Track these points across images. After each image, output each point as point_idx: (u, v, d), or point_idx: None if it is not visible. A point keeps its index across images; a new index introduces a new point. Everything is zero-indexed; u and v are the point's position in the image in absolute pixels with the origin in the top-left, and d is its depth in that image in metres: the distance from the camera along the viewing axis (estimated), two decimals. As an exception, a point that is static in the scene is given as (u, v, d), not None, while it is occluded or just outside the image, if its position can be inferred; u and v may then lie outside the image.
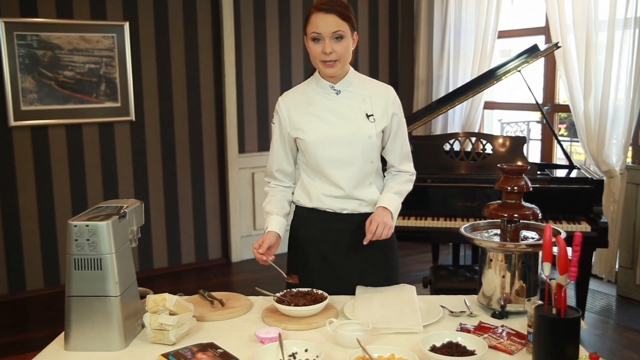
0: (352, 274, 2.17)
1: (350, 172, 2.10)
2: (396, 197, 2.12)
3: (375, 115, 2.09)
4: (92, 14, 4.61)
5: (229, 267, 5.26)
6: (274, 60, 5.38)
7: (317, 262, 2.19)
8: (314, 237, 2.19)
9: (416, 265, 5.11)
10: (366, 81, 2.17)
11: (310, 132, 2.09)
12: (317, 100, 2.11)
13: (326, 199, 2.14)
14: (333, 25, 1.98)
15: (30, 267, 4.61)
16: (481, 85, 3.96)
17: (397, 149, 2.16)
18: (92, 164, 4.75)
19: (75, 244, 1.70)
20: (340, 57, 2.01)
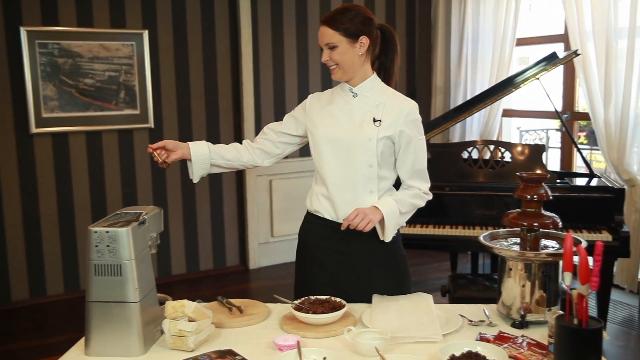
0: (357, 285, 2.16)
1: (348, 172, 2.12)
2: (393, 202, 2.09)
3: (383, 122, 2.10)
4: (112, 22, 4.67)
5: (247, 274, 5.27)
6: (292, 68, 5.40)
7: (317, 269, 2.22)
8: (314, 243, 2.23)
9: (434, 274, 5.08)
10: (387, 91, 2.19)
11: (321, 128, 2.17)
12: (336, 101, 2.20)
13: (325, 203, 2.18)
14: (324, 36, 2.10)
15: (51, 272, 4.65)
16: (499, 93, 3.94)
17: (407, 164, 2.15)
18: (112, 171, 4.80)
19: (96, 250, 1.71)
20: (337, 63, 2.10)
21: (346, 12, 2.10)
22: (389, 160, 2.16)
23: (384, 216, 2.05)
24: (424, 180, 2.19)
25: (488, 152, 3.78)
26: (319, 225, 2.22)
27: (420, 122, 2.16)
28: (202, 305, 1.96)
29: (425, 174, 2.20)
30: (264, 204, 5.41)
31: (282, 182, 5.39)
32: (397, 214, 2.09)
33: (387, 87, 2.21)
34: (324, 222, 2.20)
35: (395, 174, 2.20)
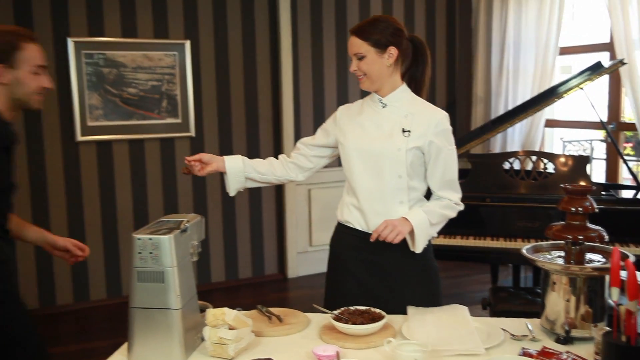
0: (388, 296, 2.15)
1: (378, 183, 2.12)
2: (423, 214, 2.08)
3: (413, 132, 2.10)
4: (155, 32, 4.76)
5: (285, 283, 5.29)
6: (331, 77, 5.42)
7: (348, 279, 2.22)
8: (345, 254, 2.24)
9: (474, 286, 5.00)
10: (417, 101, 2.18)
11: (350, 139, 2.18)
12: (366, 112, 2.21)
13: (356, 213, 2.18)
14: (353, 46, 2.13)
15: (94, 278, 4.75)
16: (542, 103, 3.88)
17: (437, 175, 2.14)
18: (153, 179, 4.88)
19: (139, 257, 1.74)
20: (365, 73, 2.12)
21: (376, 23, 2.11)
22: (419, 170, 2.15)
23: (413, 227, 2.05)
24: (454, 191, 2.18)
25: (530, 163, 3.71)
26: (350, 236, 2.22)
27: (450, 132, 2.15)
28: (242, 313, 1.97)
29: (456, 184, 2.18)
30: (303, 213, 5.43)
31: (321, 191, 5.40)
32: (427, 225, 2.09)
33: (417, 97, 2.20)
34: (354, 232, 2.20)
35: (426, 184, 2.19)
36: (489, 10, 5.57)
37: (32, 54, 1.98)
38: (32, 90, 2.00)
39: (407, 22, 5.69)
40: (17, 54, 1.94)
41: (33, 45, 1.99)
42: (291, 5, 5.15)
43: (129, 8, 4.67)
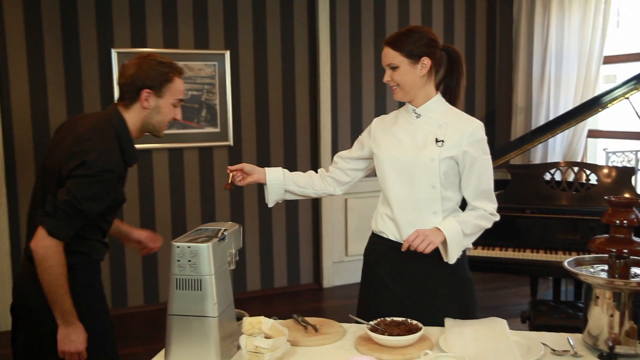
0: (420, 309, 2.13)
1: (411, 193, 2.12)
2: (456, 224, 2.06)
3: (446, 142, 2.09)
4: (195, 43, 4.84)
5: (321, 293, 5.29)
6: (369, 87, 5.42)
7: (381, 290, 2.21)
8: (379, 264, 2.23)
9: (513, 299, 4.92)
10: (452, 111, 2.17)
11: (384, 149, 2.19)
12: (400, 122, 2.22)
13: (389, 223, 2.18)
14: (386, 57, 2.14)
15: (132, 285, 4.83)
16: (585, 113, 3.81)
17: (472, 185, 2.12)
18: (192, 187, 4.95)
19: (177, 265, 1.77)
20: (398, 83, 2.13)
21: (410, 34, 2.11)
22: (453, 181, 2.13)
23: (446, 238, 2.03)
24: (489, 201, 2.15)
25: (572, 174, 3.65)
26: (384, 246, 2.22)
27: (485, 141, 2.14)
28: (278, 322, 1.98)
29: (491, 194, 2.16)
30: (339, 223, 5.42)
31: (357, 201, 5.39)
32: (461, 236, 2.07)
33: (452, 107, 2.19)
34: (388, 243, 2.20)
35: (461, 195, 2.17)
36: (530, 19, 5.50)
37: (178, 87, 2.13)
38: (166, 120, 2.14)
39: (447, 31, 5.66)
40: (167, 85, 2.09)
41: (180, 79, 2.14)
42: (330, 17, 5.17)
43: (171, 19, 4.76)
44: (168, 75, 2.08)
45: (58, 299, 1.96)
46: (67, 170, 1.95)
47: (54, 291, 1.95)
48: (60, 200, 1.92)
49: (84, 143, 1.98)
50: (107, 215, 2.12)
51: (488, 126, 5.86)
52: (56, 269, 1.94)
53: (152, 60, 2.08)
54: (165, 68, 2.08)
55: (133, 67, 2.06)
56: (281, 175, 2.32)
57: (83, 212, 1.94)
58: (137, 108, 2.09)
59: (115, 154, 2.00)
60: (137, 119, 2.10)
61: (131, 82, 2.05)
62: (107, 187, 1.97)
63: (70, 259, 2.01)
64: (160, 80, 2.07)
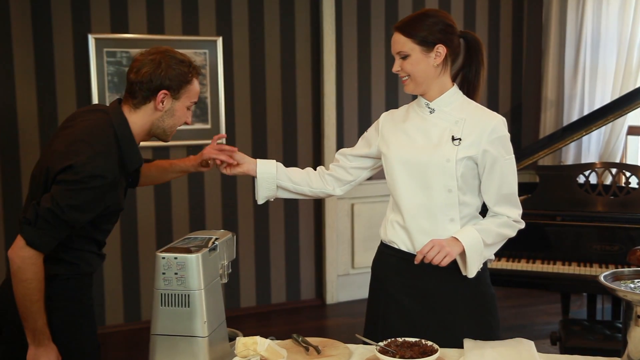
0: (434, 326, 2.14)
1: (425, 198, 2.12)
2: (476, 233, 2.06)
3: (464, 140, 2.09)
4: (183, 29, 4.86)
5: (324, 310, 5.29)
6: (379, 79, 5.43)
7: (391, 307, 2.21)
8: (388, 278, 2.24)
9: (542, 317, 4.91)
10: (469, 105, 2.17)
11: (394, 148, 2.19)
12: (411, 118, 2.22)
13: (400, 231, 2.18)
14: (396, 44, 2.14)
15: (111, 301, 4.84)
16: (624, 108, 3.81)
17: (493, 188, 2.12)
18: (179, 191, 4.96)
19: (163, 278, 1.78)
20: (409, 74, 2.13)
21: (424, 18, 2.11)
22: (472, 183, 2.13)
23: (464, 249, 2.02)
24: (513, 206, 2.15)
25: (609, 176, 3.65)
26: (394, 258, 2.22)
27: (507, 139, 2.14)
28: (276, 343, 1.98)
29: (514, 198, 2.15)
30: (345, 231, 5.42)
31: (365, 206, 5.40)
32: (481, 246, 2.06)
33: (470, 100, 2.19)
34: (399, 254, 2.20)
35: (481, 199, 2.17)
36: (563, 3, 5.50)
37: (196, 89, 2.16)
38: (177, 124, 2.18)
39: (468, 15, 5.67)
40: (186, 87, 2.12)
41: (197, 80, 2.17)
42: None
43: (156, 2, 4.77)
44: (188, 76, 2.11)
45: (30, 316, 1.97)
46: (54, 172, 1.96)
47: (27, 306, 1.97)
48: (43, 207, 1.93)
49: (75, 144, 1.99)
50: (102, 224, 2.13)
51: (514, 122, 5.88)
52: (31, 283, 1.95)
53: (172, 57, 2.10)
54: (185, 67, 2.10)
55: (151, 64, 2.06)
56: (274, 169, 2.33)
57: (67, 222, 1.95)
58: (148, 109, 2.10)
59: (109, 159, 2.00)
60: (146, 121, 2.12)
61: (148, 80, 2.06)
62: (96, 195, 1.97)
63: (55, 268, 2.04)
64: (180, 81, 2.09)
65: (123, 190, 2.18)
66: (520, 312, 4.94)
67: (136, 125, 2.11)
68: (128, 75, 2.11)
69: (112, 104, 2.15)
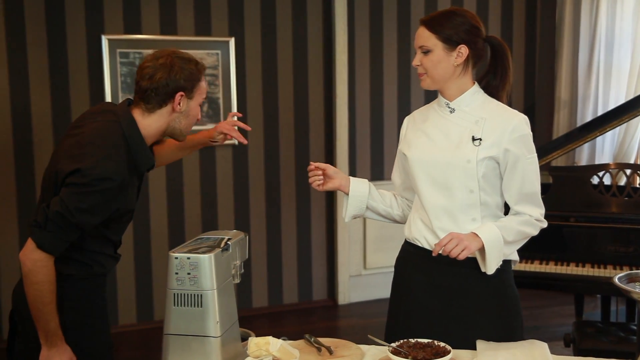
0: (456, 325, 2.13)
1: (447, 198, 2.12)
2: (496, 229, 2.05)
3: (485, 140, 2.08)
4: (196, 29, 4.88)
5: (336, 310, 5.29)
6: (391, 81, 5.42)
7: (413, 306, 2.21)
8: (410, 276, 2.24)
9: (555, 319, 4.89)
10: (490, 104, 2.17)
11: (415, 150, 2.19)
12: (432, 118, 2.21)
13: (423, 229, 2.18)
14: (419, 38, 2.13)
15: (123, 301, 4.86)
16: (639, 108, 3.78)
17: (515, 188, 2.11)
18: (191, 192, 4.97)
19: (176, 278, 1.78)
20: (427, 70, 2.12)
21: (452, 16, 2.11)
22: (494, 183, 2.13)
23: (483, 244, 2.02)
24: (535, 206, 2.14)
25: (624, 177, 3.63)
26: (417, 256, 2.22)
27: (530, 138, 2.12)
28: (288, 343, 1.99)
29: (537, 198, 2.15)
30: (357, 232, 5.42)
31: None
32: (501, 243, 2.05)
33: (491, 99, 2.18)
34: (422, 252, 2.20)
35: (503, 198, 2.17)
36: (576, 2, 5.47)
37: (204, 86, 2.18)
38: (192, 122, 2.19)
39: (481, 16, 5.55)
40: (197, 85, 2.14)
41: (204, 76, 2.19)
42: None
43: (169, 3, 4.80)
44: (198, 74, 2.13)
45: (42, 317, 1.99)
46: (63, 175, 1.98)
47: (39, 308, 1.98)
48: (52, 210, 1.94)
49: (84, 147, 2.00)
50: (113, 224, 2.15)
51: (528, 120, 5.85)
52: (43, 285, 1.97)
53: (181, 58, 2.11)
54: (193, 66, 2.12)
55: (164, 69, 2.07)
56: (367, 189, 2.33)
57: (76, 225, 1.96)
58: (164, 112, 2.11)
59: (118, 161, 2.01)
60: (162, 123, 2.13)
61: (165, 85, 2.07)
62: (104, 198, 1.98)
63: (68, 268, 2.06)
64: (192, 80, 2.11)
65: (135, 190, 2.19)
66: (534, 314, 4.91)
67: (150, 127, 2.12)
68: (139, 83, 2.11)
69: (121, 105, 2.15)
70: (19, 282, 2.14)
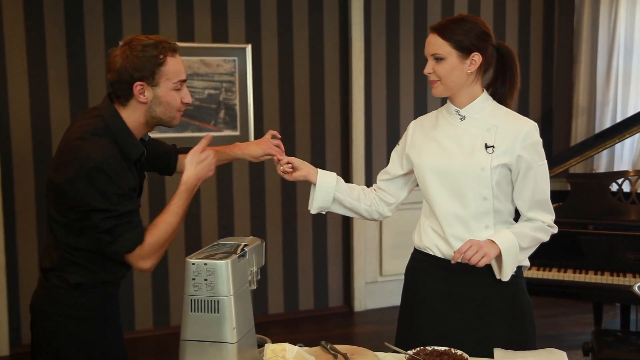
0: (468, 334, 2.13)
1: (460, 206, 2.12)
2: (511, 236, 2.05)
3: (497, 148, 2.08)
4: (213, 36, 4.91)
5: (351, 317, 5.28)
6: (407, 86, 5.42)
7: (424, 313, 2.21)
8: (422, 284, 2.24)
9: (574, 328, 4.85)
10: (501, 111, 2.17)
11: (425, 157, 2.19)
12: (442, 125, 2.21)
13: (435, 238, 2.18)
14: (432, 45, 2.12)
15: (140, 306, 4.89)
16: (659, 114, 3.77)
17: (527, 194, 2.11)
18: (208, 198, 5.00)
19: (193, 284, 1.79)
20: (440, 77, 2.11)
21: (462, 22, 2.11)
22: (506, 190, 2.13)
23: (501, 251, 2.02)
24: (546, 212, 2.15)
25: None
26: (429, 264, 2.22)
27: (540, 145, 2.13)
28: (304, 350, 1.99)
29: (548, 204, 2.15)
30: (373, 238, 5.42)
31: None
32: (517, 249, 2.06)
33: (501, 106, 2.19)
34: (434, 260, 2.21)
35: (513, 204, 2.17)
36: (595, 6, 5.44)
37: (175, 68, 2.04)
38: (173, 109, 2.08)
39: (497, 21, 5.64)
40: (160, 70, 2.00)
41: (174, 57, 2.04)
42: (364, 6, 5.19)
43: (187, 9, 4.83)
44: (158, 58, 1.99)
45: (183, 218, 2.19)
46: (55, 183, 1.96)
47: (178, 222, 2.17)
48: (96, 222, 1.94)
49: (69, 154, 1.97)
50: None
51: (544, 129, 5.82)
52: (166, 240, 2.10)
53: (136, 45, 1.99)
54: (152, 51, 1.99)
55: (120, 60, 1.99)
56: (334, 181, 2.32)
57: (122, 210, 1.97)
58: (134, 104, 2.04)
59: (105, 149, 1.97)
60: (138, 115, 2.06)
61: (120, 78, 1.99)
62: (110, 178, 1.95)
63: (76, 276, 2.05)
64: (151, 66, 1.99)
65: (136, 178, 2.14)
66: (552, 322, 4.88)
67: (130, 120, 2.05)
68: (106, 76, 2.06)
69: (104, 99, 2.09)
70: (35, 293, 2.13)
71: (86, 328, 2.06)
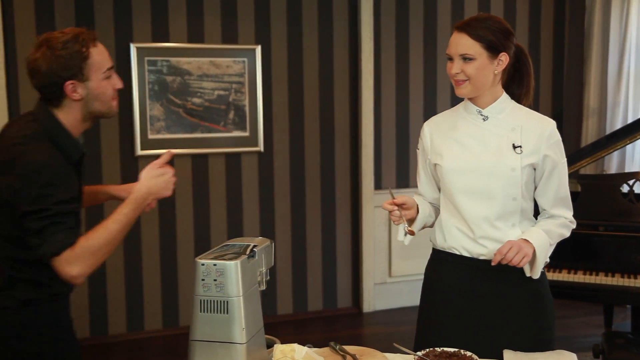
0: (491, 332, 2.13)
1: (488, 207, 2.11)
2: (542, 234, 2.08)
3: (525, 148, 2.09)
4: (223, 37, 4.92)
5: (360, 318, 5.28)
6: (417, 87, 5.42)
7: (448, 313, 2.20)
8: (447, 285, 2.22)
9: (584, 330, 4.83)
10: (521, 111, 2.18)
11: (449, 159, 2.17)
12: (462, 126, 2.19)
13: (461, 238, 2.18)
14: (461, 46, 2.09)
15: (150, 306, 4.90)
16: (670, 115, 3.74)
17: (551, 192, 2.13)
18: (217, 198, 5.01)
19: (202, 284, 1.79)
20: (469, 77, 2.08)
21: (486, 20, 2.11)
22: (531, 189, 2.16)
23: (535, 250, 2.04)
24: (568, 208, 2.19)
25: (654, 186, 3.59)
26: (454, 264, 2.21)
27: (561, 143, 2.16)
28: (313, 350, 1.99)
29: (569, 200, 2.19)
30: (382, 239, 5.41)
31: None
32: (547, 247, 2.10)
33: (520, 106, 2.20)
34: (459, 259, 2.20)
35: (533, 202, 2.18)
36: (606, 6, 5.42)
37: (100, 57, 2.00)
38: (107, 99, 2.03)
39: (508, 21, 5.47)
40: (86, 63, 1.95)
41: (98, 47, 2.00)
42: (373, 7, 5.19)
43: (197, 11, 4.85)
44: (82, 52, 1.93)
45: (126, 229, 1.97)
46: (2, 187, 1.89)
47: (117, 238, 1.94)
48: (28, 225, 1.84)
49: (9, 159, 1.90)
50: None
51: (555, 130, 5.80)
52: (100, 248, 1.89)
53: (56, 43, 1.92)
54: (74, 46, 1.92)
55: (43, 63, 1.92)
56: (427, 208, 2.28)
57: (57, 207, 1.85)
58: (68, 103, 1.98)
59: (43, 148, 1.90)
60: (75, 114, 2.00)
61: (48, 81, 1.93)
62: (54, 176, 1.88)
63: (26, 293, 1.95)
64: (77, 62, 1.93)
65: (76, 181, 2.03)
66: (562, 324, 4.85)
67: (67, 120, 1.99)
68: (32, 83, 1.98)
69: (37, 103, 2.03)
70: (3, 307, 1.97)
71: (40, 346, 1.96)
